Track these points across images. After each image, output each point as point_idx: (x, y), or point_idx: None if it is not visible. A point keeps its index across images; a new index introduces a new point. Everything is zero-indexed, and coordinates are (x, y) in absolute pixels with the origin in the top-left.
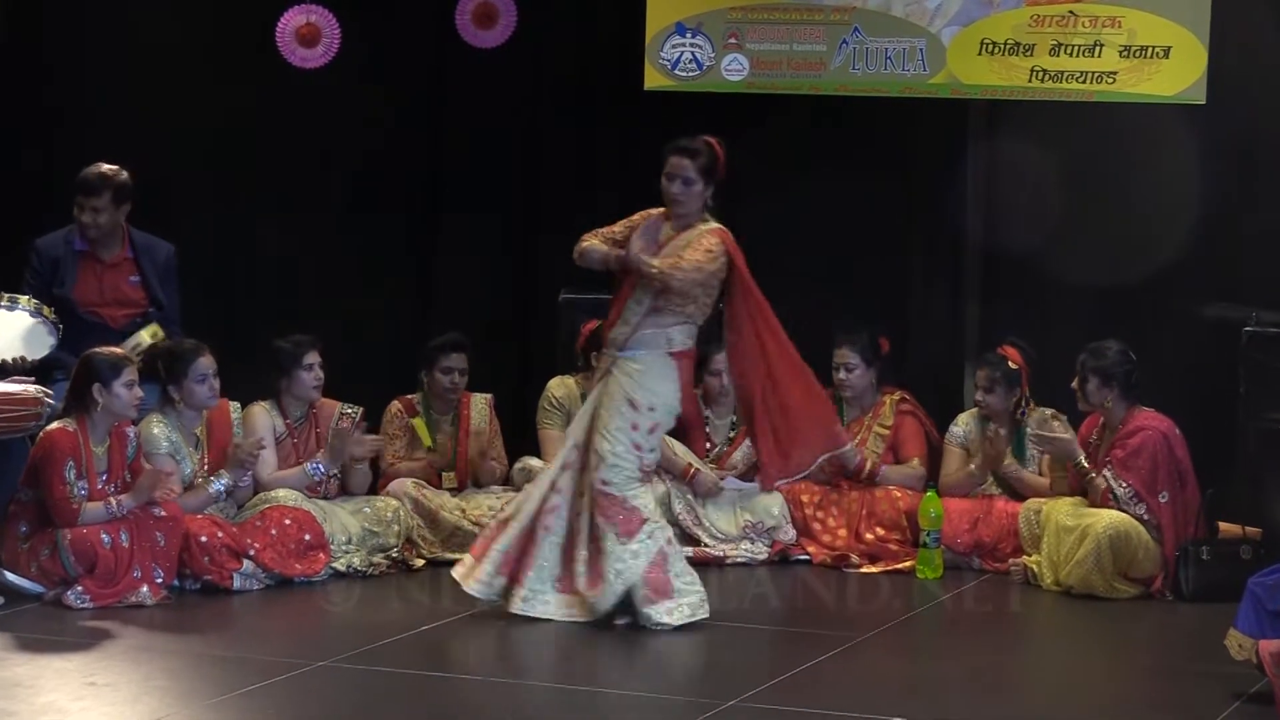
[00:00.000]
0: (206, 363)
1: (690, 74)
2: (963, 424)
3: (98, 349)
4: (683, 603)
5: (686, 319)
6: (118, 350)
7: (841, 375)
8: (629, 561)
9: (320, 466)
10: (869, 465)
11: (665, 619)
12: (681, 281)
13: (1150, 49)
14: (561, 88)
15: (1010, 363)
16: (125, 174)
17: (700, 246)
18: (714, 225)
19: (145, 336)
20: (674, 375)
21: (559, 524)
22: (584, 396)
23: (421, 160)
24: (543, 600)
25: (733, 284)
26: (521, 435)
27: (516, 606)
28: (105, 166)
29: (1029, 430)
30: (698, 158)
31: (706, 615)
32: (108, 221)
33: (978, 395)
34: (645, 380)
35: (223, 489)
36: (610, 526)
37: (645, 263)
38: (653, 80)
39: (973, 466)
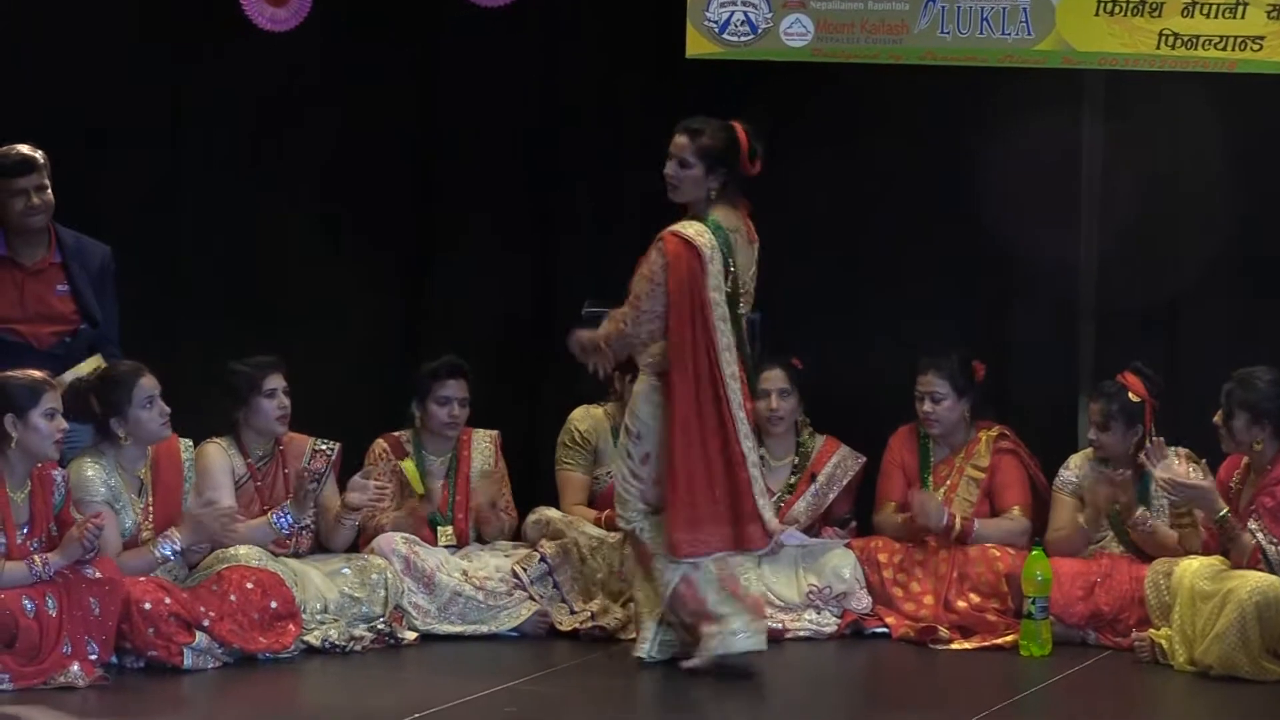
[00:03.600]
0: (150, 384)
1: (742, 38)
2: (1075, 467)
3: (8, 373)
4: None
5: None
6: (35, 373)
7: (927, 407)
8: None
9: (288, 517)
10: (958, 524)
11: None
12: (638, 326)
13: None
14: (584, 56)
15: (1131, 394)
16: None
17: (642, 270)
18: (672, 233)
19: (86, 371)
20: (656, 399)
21: None
22: (616, 431)
23: (412, 144)
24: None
25: (670, 318)
26: (534, 480)
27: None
28: (22, 147)
29: (1155, 474)
30: (699, 137)
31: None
32: (51, 202)
33: (1091, 433)
34: (636, 404)
35: (171, 554)
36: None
37: (599, 337)
38: (696, 46)
39: (1081, 518)
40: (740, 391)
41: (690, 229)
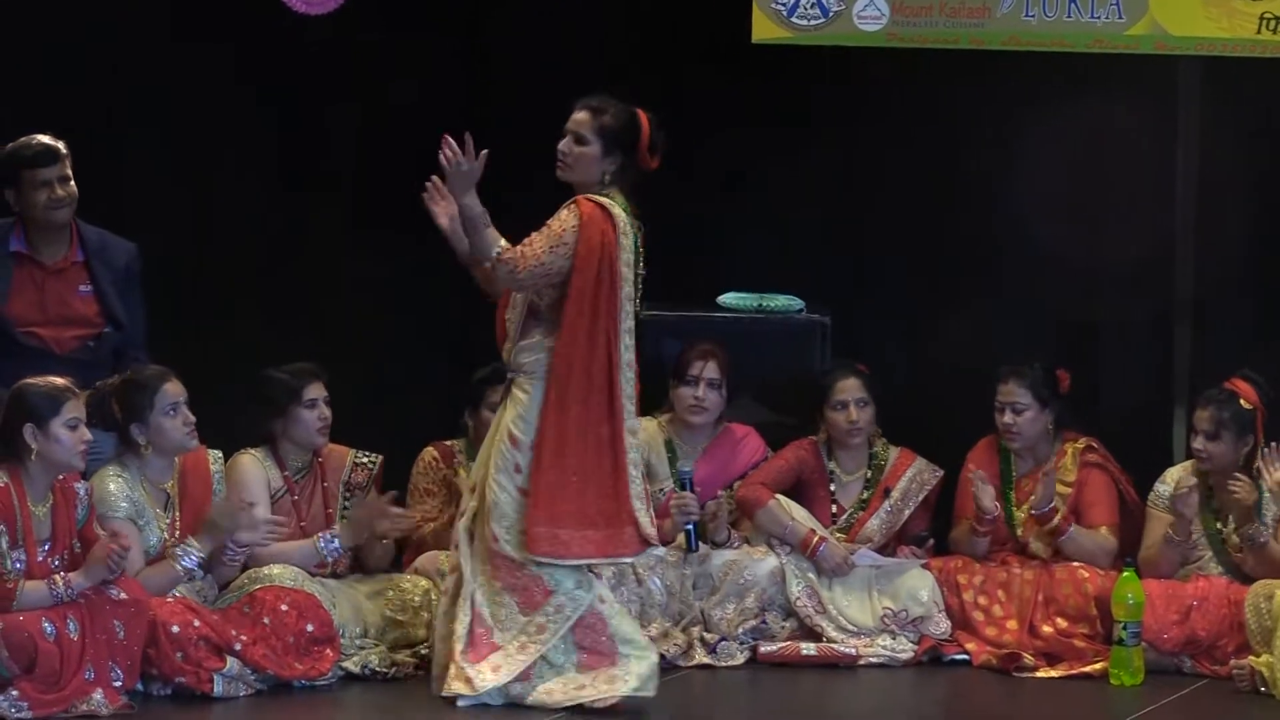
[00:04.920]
0: (175, 390)
1: (812, 22)
2: (1172, 482)
3: (31, 379)
4: (630, 672)
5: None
6: (57, 380)
7: (1007, 418)
8: (537, 639)
9: (336, 542)
10: (1058, 518)
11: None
12: (529, 273)
13: None
14: (642, 41)
15: (1243, 401)
16: None
17: (551, 225)
18: (587, 198)
19: None
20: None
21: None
22: (671, 444)
23: (459, 131)
24: None
25: (573, 283)
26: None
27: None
28: (43, 137)
29: (1270, 479)
30: (600, 115)
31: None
32: (75, 194)
33: (1197, 443)
34: (527, 410)
35: (194, 564)
36: (507, 593)
37: (484, 243)
38: (763, 31)
39: (1170, 528)
40: (633, 382)
41: (603, 199)
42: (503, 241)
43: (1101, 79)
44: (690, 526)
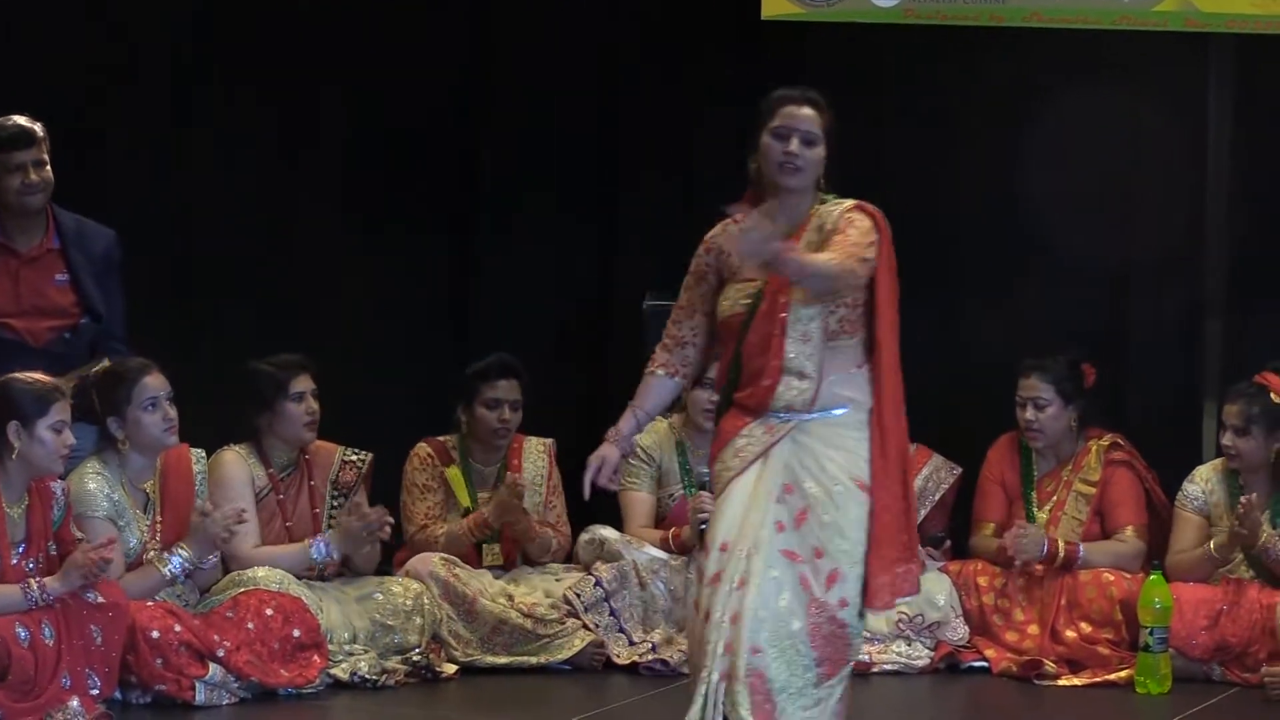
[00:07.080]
0: (156, 383)
1: None
2: (1201, 481)
3: (17, 375)
4: None
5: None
6: (44, 378)
7: (1029, 414)
8: (812, 711)
9: (328, 547)
10: (1061, 549)
11: None
12: (861, 274)
13: None
14: (648, 19)
15: (1273, 395)
16: None
17: (856, 225)
18: (850, 202)
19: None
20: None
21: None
22: (682, 446)
23: (457, 115)
24: None
25: (880, 295)
26: (592, 497)
27: None
28: (19, 118)
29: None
30: (825, 113)
31: None
32: (50, 180)
33: (1225, 439)
34: (859, 446)
35: (180, 570)
36: (815, 663)
37: (805, 261)
38: (774, 7)
39: (1212, 544)
40: None
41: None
42: (823, 256)
43: (1127, 59)
44: (704, 528)
